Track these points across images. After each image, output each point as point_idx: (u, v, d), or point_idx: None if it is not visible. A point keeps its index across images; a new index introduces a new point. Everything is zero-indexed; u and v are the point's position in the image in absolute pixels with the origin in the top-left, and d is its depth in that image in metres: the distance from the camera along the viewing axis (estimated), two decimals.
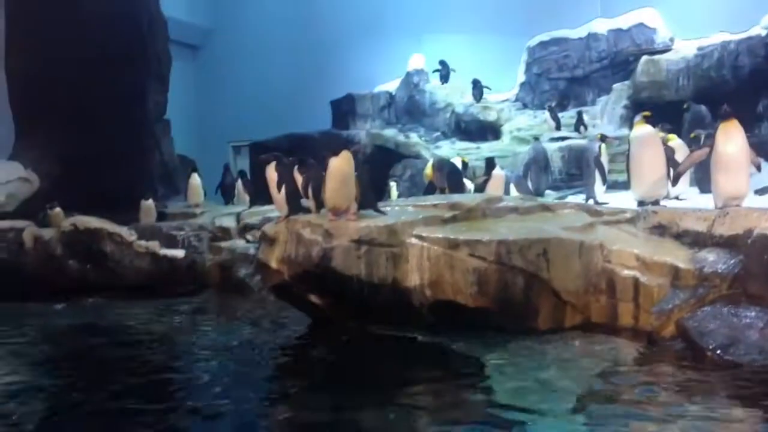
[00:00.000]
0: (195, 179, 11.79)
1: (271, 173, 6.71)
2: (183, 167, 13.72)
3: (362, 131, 16.19)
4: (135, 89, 12.36)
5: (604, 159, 10.10)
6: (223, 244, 9.73)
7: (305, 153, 7.47)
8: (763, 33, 13.21)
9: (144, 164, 12.47)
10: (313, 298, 6.30)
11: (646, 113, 8.44)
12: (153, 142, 12.98)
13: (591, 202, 9.58)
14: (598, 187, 9.91)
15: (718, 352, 4.68)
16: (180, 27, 17.06)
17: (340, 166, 6.09)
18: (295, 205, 6.60)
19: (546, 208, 7.18)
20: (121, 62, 11.89)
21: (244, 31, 19.88)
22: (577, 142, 14.11)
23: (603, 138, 10.35)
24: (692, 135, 9.91)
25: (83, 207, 9.95)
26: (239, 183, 11.65)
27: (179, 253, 9.62)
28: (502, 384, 4.54)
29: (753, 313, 4.82)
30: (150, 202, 10.84)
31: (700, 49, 14.09)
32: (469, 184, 10.36)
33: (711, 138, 6.58)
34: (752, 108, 11.70)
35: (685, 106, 12.04)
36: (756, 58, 13.22)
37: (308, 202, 6.51)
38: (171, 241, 9.87)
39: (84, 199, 10.16)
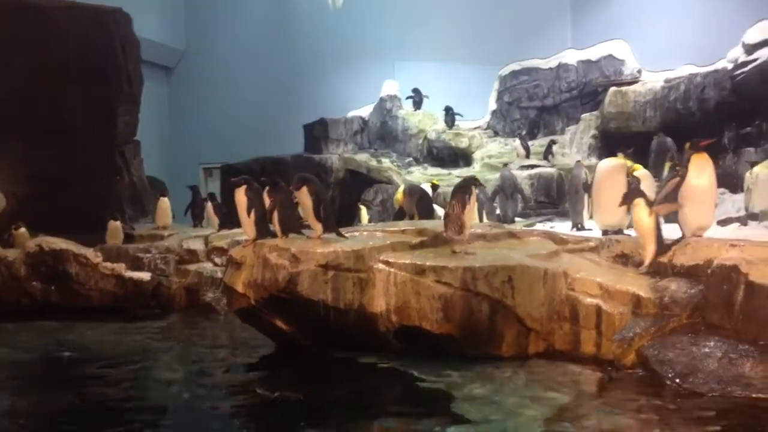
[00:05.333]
0: (164, 201, 11.71)
1: (240, 197, 6.69)
2: (152, 189, 13.63)
3: (335, 155, 16.22)
4: (105, 109, 12.30)
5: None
6: (191, 266, 9.68)
7: (277, 176, 7.46)
8: (729, 66, 13.49)
9: (112, 185, 12.38)
10: (279, 323, 6.27)
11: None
12: (122, 162, 12.90)
13: (576, 227, 9.75)
14: (585, 213, 10.02)
15: (677, 380, 4.73)
16: (153, 48, 17.04)
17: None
18: (263, 229, 6.58)
19: (513, 235, 7.25)
20: (91, 82, 11.86)
21: (217, 53, 19.90)
22: (547, 170, 14.30)
23: (583, 165, 10.52)
24: (669, 164, 10.16)
25: (49, 227, 9.84)
26: (209, 205, 11.58)
27: (145, 275, 9.54)
28: (464, 412, 4.53)
29: (712, 343, 4.88)
30: (117, 223, 10.75)
31: (667, 81, 14.37)
32: (439, 210, 10.42)
33: (678, 168, 6.72)
34: (718, 140, 11.90)
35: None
36: (722, 91, 13.48)
37: (274, 227, 6.49)
38: (137, 264, 9.80)
39: (50, 219, 10.05)
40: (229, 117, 19.25)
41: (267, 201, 6.62)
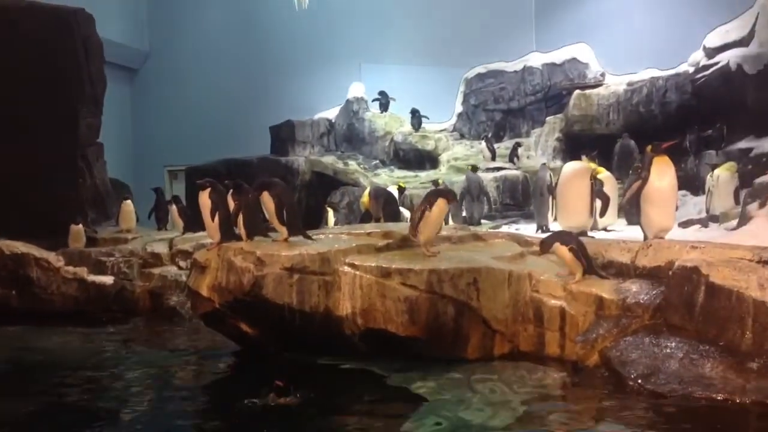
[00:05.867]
0: (127, 204, 11.56)
1: (204, 200, 6.63)
2: (116, 191, 13.46)
3: (301, 157, 16.18)
4: (66, 111, 12.11)
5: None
6: (155, 270, 9.57)
7: (243, 178, 7.41)
8: (691, 70, 13.72)
9: (74, 188, 12.18)
10: (244, 327, 6.23)
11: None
12: (84, 165, 12.69)
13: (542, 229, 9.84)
14: (550, 215, 10.12)
15: (639, 381, 4.79)
16: (116, 49, 16.82)
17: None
18: (227, 232, 6.53)
19: (478, 237, 7.30)
20: (52, 83, 11.68)
21: (182, 55, 19.71)
22: (512, 172, 14.42)
23: (549, 168, 10.62)
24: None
25: (10, 231, 9.66)
26: (173, 208, 11.46)
27: (108, 279, 9.41)
28: (429, 414, 4.54)
29: (673, 344, 4.94)
30: (79, 226, 10.58)
31: (629, 84, 14.58)
32: (405, 213, 10.45)
33: (640, 170, 6.82)
34: (679, 142, 12.07)
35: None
36: (683, 94, 13.71)
37: (239, 230, 6.45)
38: (100, 267, 9.66)
39: (11, 222, 9.86)
40: (194, 119, 19.09)
41: (231, 204, 6.58)
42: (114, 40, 16.25)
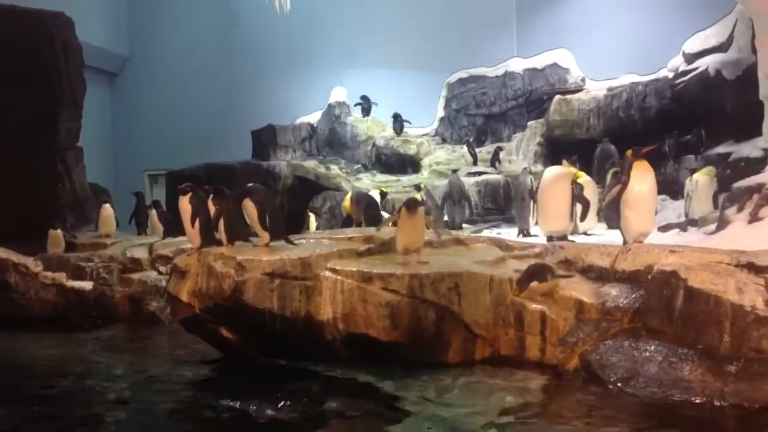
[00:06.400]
0: (107, 209, 11.47)
1: (184, 205, 6.60)
2: (95, 196, 13.36)
3: (283, 162, 16.15)
4: (46, 115, 12.03)
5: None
6: (134, 275, 9.51)
7: (224, 183, 7.39)
8: (670, 75, 13.87)
9: (53, 192, 12.10)
10: (225, 332, 6.19)
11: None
12: (63, 169, 12.60)
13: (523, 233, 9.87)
14: (531, 220, 10.18)
15: (619, 384, 4.81)
16: (97, 53, 16.75)
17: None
18: (208, 237, 6.50)
19: (459, 241, 7.31)
20: (31, 87, 11.59)
21: (163, 58, 19.62)
22: (494, 176, 14.48)
23: (530, 172, 10.67)
24: (612, 170, 10.38)
25: None
26: (153, 213, 11.39)
27: (87, 284, 9.33)
28: (410, 419, 4.54)
29: (652, 347, 4.97)
30: (58, 231, 10.49)
31: (610, 89, 14.71)
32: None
33: (620, 175, 6.88)
34: (659, 147, 12.17)
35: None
36: (662, 99, 13.85)
37: (220, 235, 6.43)
38: (79, 273, 9.58)
39: None
40: (175, 123, 19.01)
41: (212, 209, 6.55)
42: (94, 43, 16.17)
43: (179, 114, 19.08)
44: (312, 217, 13.11)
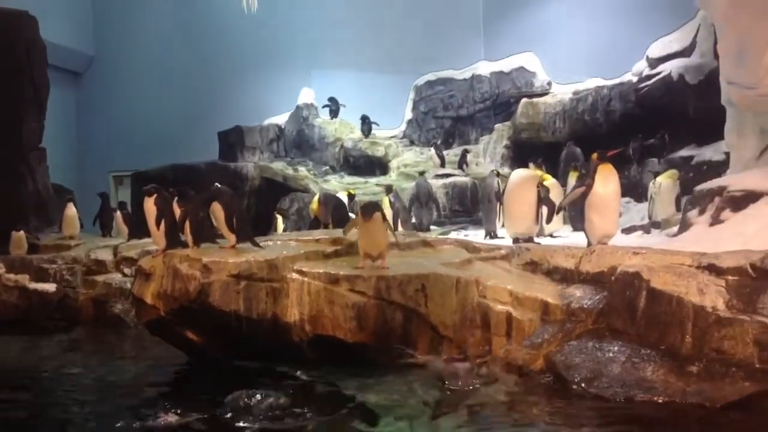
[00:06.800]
0: (70, 209, 11.31)
1: (150, 206, 6.55)
2: (59, 197, 13.16)
3: (250, 163, 16.04)
4: (9, 115, 11.85)
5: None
6: (99, 277, 9.40)
7: (190, 184, 7.33)
8: (634, 79, 14.04)
9: (16, 194, 11.91)
10: (190, 335, 6.14)
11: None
12: (26, 170, 12.41)
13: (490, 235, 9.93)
14: (498, 222, 10.23)
15: (583, 385, 4.85)
16: (61, 52, 16.55)
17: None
18: (173, 239, 6.45)
19: (427, 243, 7.33)
20: None
21: (128, 58, 19.43)
22: (461, 179, 14.55)
23: (498, 174, 10.72)
24: (575, 173, 10.48)
25: None
26: (118, 214, 11.26)
27: (50, 287, 9.21)
28: (375, 421, 4.54)
29: (616, 348, 5.02)
30: (21, 233, 10.33)
31: (575, 93, 14.86)
32: None
33: (585, 178, 6.96)
34: (623, 150, 12.32)
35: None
36: (627, 103, 14.02)
37: (185, 237, 6.38)
38: (42, 275, 9.45)
39: None
40: (140, 123, 18.82)
41: (177, 211, 6.50)
42: (58, 43, 15.97)
43: (145, 114, 18.90)
44: (279, 219, 13.05)
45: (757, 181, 6.92)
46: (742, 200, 6.79)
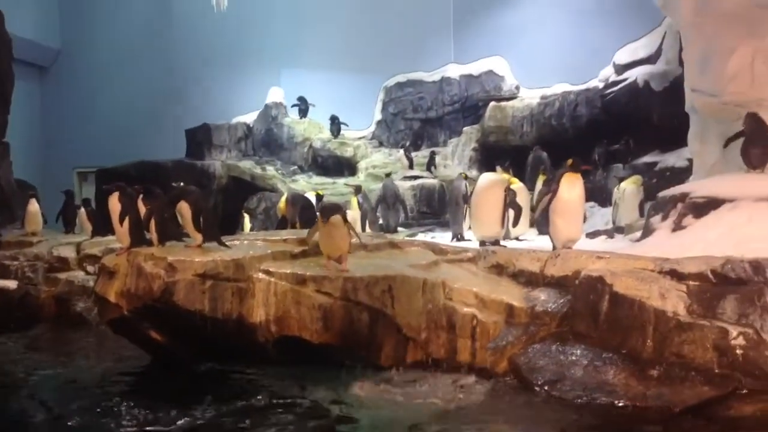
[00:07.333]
0: (33, 205, 11.11)
1: (114, 204, 6.46)
2: (22, 193, 12.94)
3: (218, 162, 15.95)
4: None
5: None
6: (61, 275, 9.24)
7: (156, 182, 7.26)
8: (601, 85, 14.22)
9: None
10: (154, 334, 6.06)
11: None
12: None
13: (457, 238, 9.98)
14: (465, 224, 10.29)
15: (546, 387, 4.91)
16: (27, 46, 16.29)
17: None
18: (137, 237, 6.38)
19: (394, 245, 7.34)
20: None
21: (95, 53, 19.19)
22: (429, 181, 14.61)
23: (466, 177, 10.78)
24: (543, 177, 10.61)
25: None
26: (82, 211, 11.09)
27: (11, 283, 9.04)
28: (340, 422, 4.55)
29: (579, 351, 5.09)
30: None
31: (543, 98, 15.01)
32: None
33: (551, 183, 7.05)
34: (588, 155, 12.51)
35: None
36: (593, 108, 14.19)
37: (151, 234, 6.32)
38: (3, 271, 9.26)
39: None
40: (106, 120, 18.60)
41: (142, 209, 6.43)
42: (23, 36, 15.72)
43: (111, 110, 18.68)
44: (247, 218, 12.99)
45: (719, 188, 7.04)
46: (704, 207, 6.91)
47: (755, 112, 7.63)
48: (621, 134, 13.14)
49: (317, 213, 6.22)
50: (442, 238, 10.53)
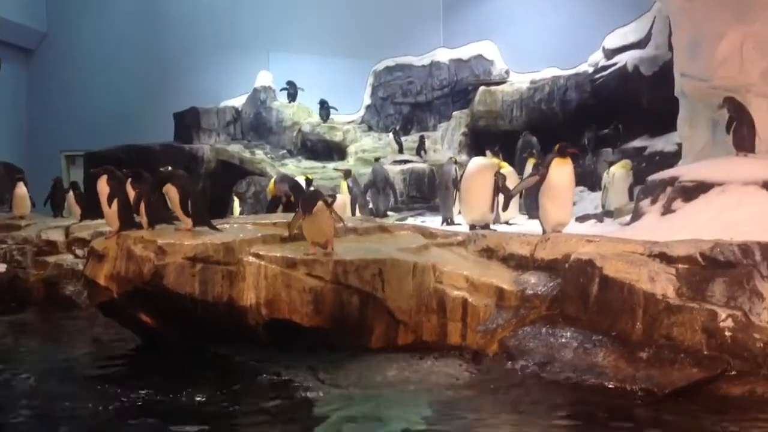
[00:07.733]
0: (21, 188, 11.06)
1: (103, 187, 6.43)
2: (8, 176, 12.86)
3: (206, 146, 15.85)
4: None
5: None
6: (50, 258, 9.23)
7: (144, 165, 7.22)
8: (590, 70, 14.21)
9: None
10: (144, 317, 6.07)
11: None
12: None
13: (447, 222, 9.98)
14: (455, 208, 10.28)
15: (536, 369, 4.94)
16: (12, 28, 16.13)
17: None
18: (127, 220, 6.36)
19: (384, 229, 7.34)
20: None
21: (82, 36, 18.99)
22: (419, 165, 14.61)
23: (455, 161, 10.77)
24: (532, 161, 10.62)
25: None
26: (70, 195, 11.03)
27: (0, 267, 9.02)
28: (330, 405, 4.56)
29: (568, 333, 5.12)
30: None
31: (532, 82, 14.98)
32: None
33: (540, 167, 7.05)
34: (578, 140, 12.52)
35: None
36: (582, 93, 14.18)
37: (140, 218, 6.29)
38: None
39: None
40: (94, 103, 18.43)
41: (131, 193, 6.40)
42: (9, 18, 15.58)
43: (99, 93, 18.51)
44: (236, 202, 12.95)
45: (708, 172, 7.07)
46: (693, 190, 6.94)
47: (732, 96, 7.67)
48: (610, 119, 13.15)
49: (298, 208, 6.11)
50: (432, 222, 10.53)
